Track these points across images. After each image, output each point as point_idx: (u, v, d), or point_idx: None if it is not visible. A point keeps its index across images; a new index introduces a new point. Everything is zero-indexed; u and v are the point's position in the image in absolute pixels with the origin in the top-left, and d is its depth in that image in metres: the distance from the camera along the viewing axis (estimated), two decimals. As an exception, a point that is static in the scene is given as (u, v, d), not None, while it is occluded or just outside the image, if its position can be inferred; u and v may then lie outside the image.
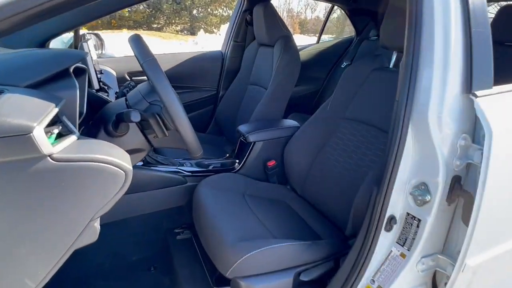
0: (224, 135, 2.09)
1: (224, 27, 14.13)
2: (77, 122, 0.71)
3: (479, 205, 0.78)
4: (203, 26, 12.81)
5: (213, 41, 9.42)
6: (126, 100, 0.94)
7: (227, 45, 2.15)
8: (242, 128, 1.53)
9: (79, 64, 0.84)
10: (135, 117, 0.80)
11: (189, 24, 13.87)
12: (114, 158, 0.61)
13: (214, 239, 1.08)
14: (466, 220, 0.83)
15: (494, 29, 1.64)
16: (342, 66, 2.42)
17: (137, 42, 0.86)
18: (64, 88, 0.69)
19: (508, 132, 0.79)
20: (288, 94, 1.73)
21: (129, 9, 11.51)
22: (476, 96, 0.78)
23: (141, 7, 12.01)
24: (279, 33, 1.72)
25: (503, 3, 1.86)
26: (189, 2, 12.51)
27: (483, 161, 0.76)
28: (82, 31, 1.57)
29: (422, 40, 0.80)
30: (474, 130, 0.82)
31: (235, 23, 2.10)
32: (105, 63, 1.89)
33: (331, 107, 1.41)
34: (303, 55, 2.51)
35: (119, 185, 0.62)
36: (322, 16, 14.28)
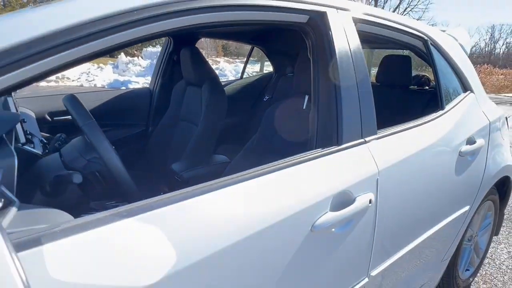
0: (155, 172, 2.10)
1: (148, 50, 13.66)
2: (15, 190, 0.71)
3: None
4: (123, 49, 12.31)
5: (136, 66, 9.02)
6: (61, 156, 0.95)
7: (155, 82, 2.20)
8: (176, 166, 1.59)
9: None
10: (77, 179, 0.82)
11: (107, 47, 13.15)
12: None
13: None
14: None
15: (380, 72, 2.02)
16: (264, 100, 2.66)
17: (74, 104, 0.88)
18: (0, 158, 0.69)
19: (391, 167, 1.04)
20: (217, 131, 1.85)
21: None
22: (366, 142, 1.01)
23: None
24: (206, 75, 1.85)
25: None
26: (106, 24, 11.91)
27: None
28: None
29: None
30: (368, 167, 1.05)
31: (163, 62, 2.17)
32: (22, 103, 1.76)
33: (258, 141, 1.57)
34: (230, 89, 2.69)
35: None
36: (243, 42, 14.93)
